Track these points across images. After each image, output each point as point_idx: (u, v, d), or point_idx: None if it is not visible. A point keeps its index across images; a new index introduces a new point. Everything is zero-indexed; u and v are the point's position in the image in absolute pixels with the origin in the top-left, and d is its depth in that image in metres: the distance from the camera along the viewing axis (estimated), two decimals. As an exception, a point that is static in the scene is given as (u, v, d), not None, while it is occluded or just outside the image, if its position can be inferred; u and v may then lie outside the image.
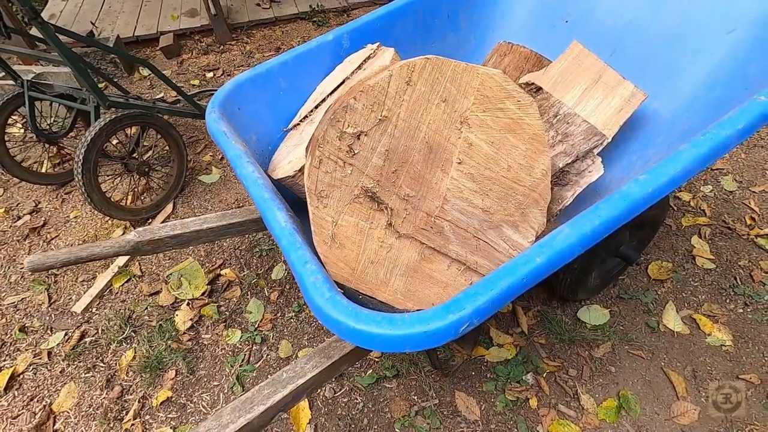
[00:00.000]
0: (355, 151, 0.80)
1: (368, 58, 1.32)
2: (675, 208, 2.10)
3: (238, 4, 4.26)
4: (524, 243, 0.96)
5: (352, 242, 0.86)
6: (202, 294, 1.90)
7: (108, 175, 2.37)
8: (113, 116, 1.94)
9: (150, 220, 2.27)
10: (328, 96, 1.38)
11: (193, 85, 3.42)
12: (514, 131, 0.87)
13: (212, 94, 3.33)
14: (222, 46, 3.83)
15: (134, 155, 2.18)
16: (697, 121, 1.18)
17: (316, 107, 1.40)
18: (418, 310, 0.97)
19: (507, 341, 1.66)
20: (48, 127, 2.45)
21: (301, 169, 1.13)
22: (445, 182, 0.87)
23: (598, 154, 1.31)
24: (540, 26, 1.62)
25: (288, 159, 1.25)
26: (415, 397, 1.55)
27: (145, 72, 3.59)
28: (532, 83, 1.36)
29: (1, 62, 2.14)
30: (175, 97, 3.34)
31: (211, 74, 3.52)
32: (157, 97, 3.39)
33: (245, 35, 3.97)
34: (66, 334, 1.82)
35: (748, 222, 2.01)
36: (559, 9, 1.56)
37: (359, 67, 1.33)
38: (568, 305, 1.75)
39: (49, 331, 1.84)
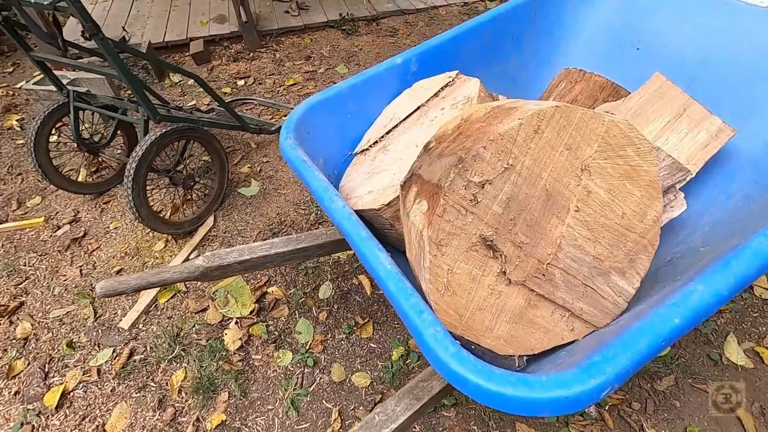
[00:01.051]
0: (478, 200, 0.78)
1: (446, 85, 1.30)
2: (727, 233, 2.07)
3: (267, 11, 4.25)
4: (630, 289, 0.94)
5: (464, 289, 0.84)
6: (250, 313, 1.88)
7: (149, 188, 2.35)
8: (163, 131, 1.92)
9: (192, 234, 2.25)
10: (400, 123, 1.35)
11: (225, 93, 3.41)
12: (631, 178, 0.85)
13: (245, 103, 3.33)
14: (252, 54, 3.82)
15: (179, 168, 2.17)
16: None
17: (388, 133, 1.38)
18: (520, 355, 0.94)
19: (565, 370, 1.63)
20: (89, 136, 2.44)
21: (389, 204, 1.11)
22: (559, 229, 0.85)
23: (680, 189, 1.28)
24: (608, 52, 1.59)
25: (367, 188, 1.23)
26: (475, 427, 1.52)
27: (176, 78, 3.59)
28: (610, 114, 1.33)
29: (48, 73, 2.13)
30: (208, 105, 3.34)
31: (242, 82, 3.50)
32: (189, 104, 3.39)
33: (274, 42, 3.96)
34: (114, 351, 1.80)
35: (804, 250, 1.97)
36: (630, 35, 1.54)
37: (436, 95, 1.31)
38: (626, 334, 1.72)
39: (96, 347, 1.83)
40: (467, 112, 0.94)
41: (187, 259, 2.14)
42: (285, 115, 3.12)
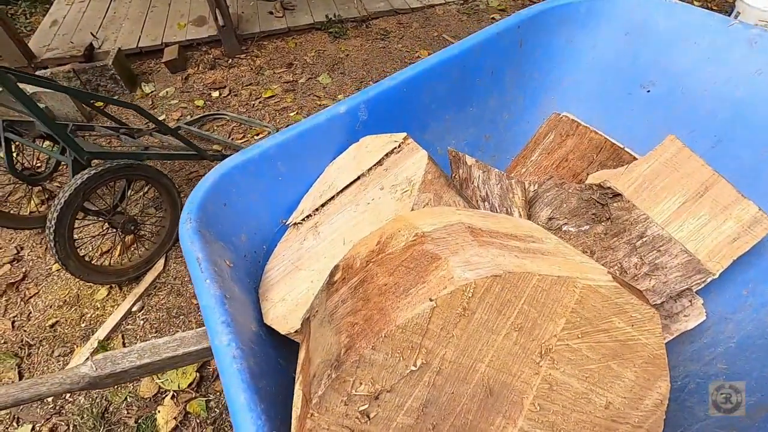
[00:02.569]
0: (371, 415, 0.50)
1: (391, 152, 1.01)
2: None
3: (250, 12, 3.94)
4: (617, 489, 0.65)
5: None
6: (190, 385, 1.63)
7: (86, 233, 2.11)
8: (93, 172, 1.66)
9: (140, 279, 2.01)
10: (338, 194, 1.07)
11: (198, 106, 3.14)
12: (621, 356, 0.56)
13: (216, 119, 3.06)
14: (230, 60, 3.54)
15: (119, 210, 1.91)
16: None
17: (323, 205, 1.09)
18: None
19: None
20: (31, 166, 2.20)
21: (297, 332, 0.83)
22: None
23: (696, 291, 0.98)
24: (610, 93, 1.27)
25: (283, 292, 0.95)
26: None
27: (147, 89, 3.33)
28: (608, 186, 1.03)
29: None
30: (178, 120, 3.08)
31: (217, 93, 3.23)
32: (160, 119, 3.12)
33: (256, 47, 3.66)
34: (33, 429, 1.58)
35: None
36: (639, 74, 1.21)
37: (379, 163, 1.02)
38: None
39: (15, 423, 1.61)
40: (389, 229, 0.65)
41: (129, 312, 1.90)
42: (257, 134, 2.84)
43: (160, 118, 3.12)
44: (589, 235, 1.02)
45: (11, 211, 2.22)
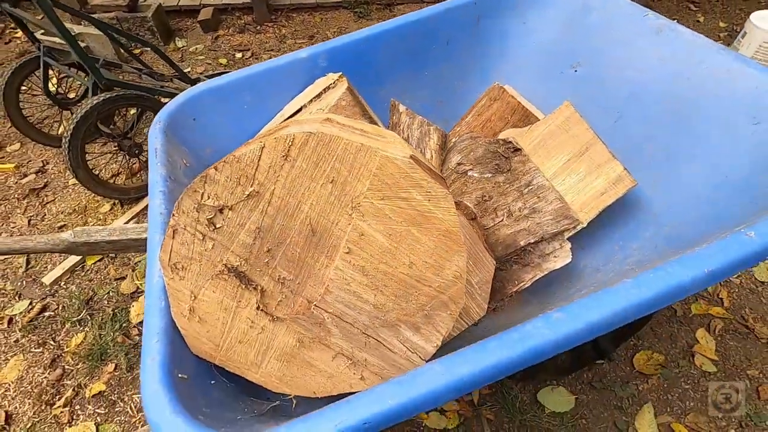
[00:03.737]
0: (217, 225, 0.69)
1: (328, 87, 1.20)
2: (687, 289, 1.83)
3: (285, -16, 4.18)
4: (428, 347, 0.82)
5: (216, 318, 0.77)
6: (162, 289, 1.88)
7: (97, 151, 2.40)
8: (107, 96, 1.93)
9: (139, 200, 2.28)
10: (286, 119, 1.27)
11: (221, 64, 3.41)
12: (420, 225, 0.73)
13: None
14: (259, 27, 3.79)
15: (128, 136, 2.18)
16: (690, 227, 0.97)
17: (274, 130, 1.30)
18: (295, 396, 0.87)
19: (451, 407, 1.52)
20: (63, 91, 2.51)
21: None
22: (329, 270, 0.75)
23: (570, 238, 1.13)
24: (548, 70, 1.41)
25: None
26: None
27: (180, 44, 3.62)
28: (510, 141, 1.18)
29: (21, 26, 2.19)
30: (200, 73, 3.36)
31: (240, 55, 3.49)
32: (185, 71, 3.41)
33: (284, 17, 3.90)
34: (30, 304, 1.87)
35: (772, 324, 1.72)
36: (570, 55, 1.35)
37: (318, 96, 1.21)
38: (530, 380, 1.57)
39: (17, 297, 1.90)
40: (287, 123, 0.85)
41: (125, 226, 2.17)
42: (268, 94, 3.07)
43: (186, 70, 3.41)
44: (490, 182, 1.18)
45: (44, 130, 2.53)
